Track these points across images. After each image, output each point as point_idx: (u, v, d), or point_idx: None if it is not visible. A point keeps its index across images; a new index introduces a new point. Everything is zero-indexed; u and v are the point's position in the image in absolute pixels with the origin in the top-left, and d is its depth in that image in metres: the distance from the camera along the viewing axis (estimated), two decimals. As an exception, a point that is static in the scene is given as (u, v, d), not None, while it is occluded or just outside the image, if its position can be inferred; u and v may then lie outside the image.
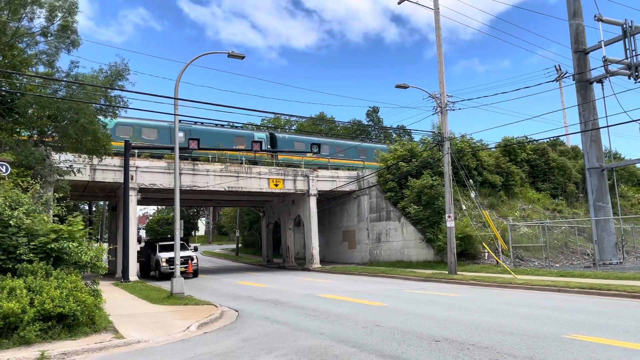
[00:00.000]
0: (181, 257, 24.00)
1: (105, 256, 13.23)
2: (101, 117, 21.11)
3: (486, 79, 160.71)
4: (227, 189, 30.91)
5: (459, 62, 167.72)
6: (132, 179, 26.63)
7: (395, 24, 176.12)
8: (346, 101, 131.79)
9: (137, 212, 33.16)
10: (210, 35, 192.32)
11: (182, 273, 23.26)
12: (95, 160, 23.60)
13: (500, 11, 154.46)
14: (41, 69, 21.01)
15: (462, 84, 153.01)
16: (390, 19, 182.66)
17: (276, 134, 38.67)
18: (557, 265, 26.57)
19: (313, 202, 34.13)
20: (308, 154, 34.66)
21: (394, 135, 62.11)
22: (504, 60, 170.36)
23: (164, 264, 27.85)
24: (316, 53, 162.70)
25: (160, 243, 30.64)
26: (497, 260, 24.62)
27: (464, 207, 28.71)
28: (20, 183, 14.34)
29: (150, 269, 31.16)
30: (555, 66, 49.85)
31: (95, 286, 11.96)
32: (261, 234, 47.81)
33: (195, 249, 31.54)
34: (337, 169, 37.30)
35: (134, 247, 26.85)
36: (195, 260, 29.00)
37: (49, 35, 19.30)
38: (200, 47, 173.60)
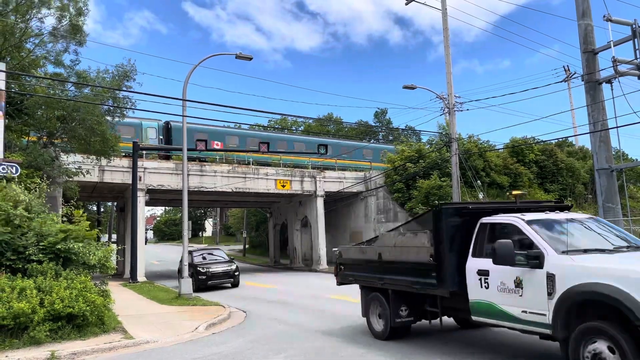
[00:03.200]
0: None
1: (114, 257, 13.28)
2: (109, 118, 21.22)
3: (486, 79, 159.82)
4: (234, 190, 30.95)
5: (459, 63, 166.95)
6: (140, 180, 26.72)
7: (399, 27, 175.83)
8: (352, 102, 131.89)
9: (145, 212, 33.26)
10: (215, 38, 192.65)
11: None
12: (104, 162, 23.69)
13: (503, 11, 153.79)
14: (50, 68, 21.19)
15: (462, 84, 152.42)
16: (394, 21, 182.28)
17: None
18: (566, 266, 26.30)
19: (320, 203, 34.11)
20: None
21: (402, 136, 62.02)
22: (504, 60, 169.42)
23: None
24: (321, 55, 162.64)
25: (527, 218, 7.63)
26: (505, 262, 24.41)
27: (471, 208, 28.57)
28: (28, 185, 14.43)
29: (424, 312, 9.28)
30: (563, 67, 49.53)
31: (104, 287, 12.02)
32: (268, 235, 47.83)
33: None
34: (344, 169, 37.29)
35: (142, 248, 26.83)
36: None
37: (58, 35, 19.46)
38: (205, 50, 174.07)
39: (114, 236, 47.84)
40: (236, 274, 22.91)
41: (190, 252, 23.52)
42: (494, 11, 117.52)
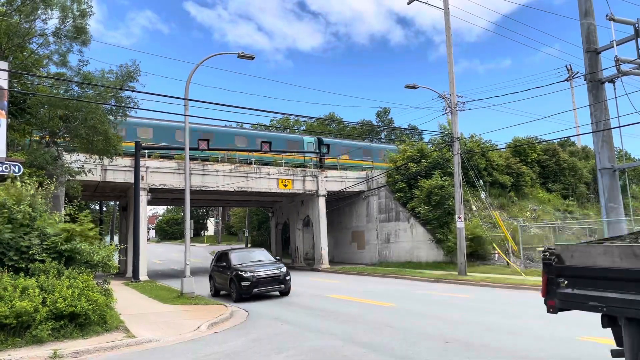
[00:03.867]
0: None
1: (116, 256, 13.30)
2: (111, 118, 21.25)
3: (487, 78, 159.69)
4: (236, 189, 30.96)
5: (460, 62, 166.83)
6: (142, 179, 26.75)
7: (400, 26, 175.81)
8: (354, 101, 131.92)
9: (147, 212, 33.27)
10: (217, 37, 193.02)
11: None
12: (106, 161, 23.72)
13: (505, 11, 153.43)
14: (53, 69, 21.22)
15: (463, 83, 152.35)
16: (395, 21, 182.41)
17: (322, 138, 41.11)
18: (568, 266, 26.21)
19: (322, 202, 34.12)
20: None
21: (403, 135, 61.96)
22: (505, 59, 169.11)
23: None
24: (322, 55, 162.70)
25: None
26: (507, 261, 24.47)
27: (474, 207, 28.58)
28: (30, 184, 14.46)
29: None
30: (566, 66, 49.36)
31: (106, 285, 12.05)
32: (270, 234, 47.89)
33: None
34: (345, 169, 37.27)
35: (144, 247, 26.85)
36: None
37: (62, 35, 19.51)
38: (207, 49, 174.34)
39: (116, 236, 47.88)
40: (287, 278, 17.95)
41: (225, 253, 19.88)
42: (496, 10, 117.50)
